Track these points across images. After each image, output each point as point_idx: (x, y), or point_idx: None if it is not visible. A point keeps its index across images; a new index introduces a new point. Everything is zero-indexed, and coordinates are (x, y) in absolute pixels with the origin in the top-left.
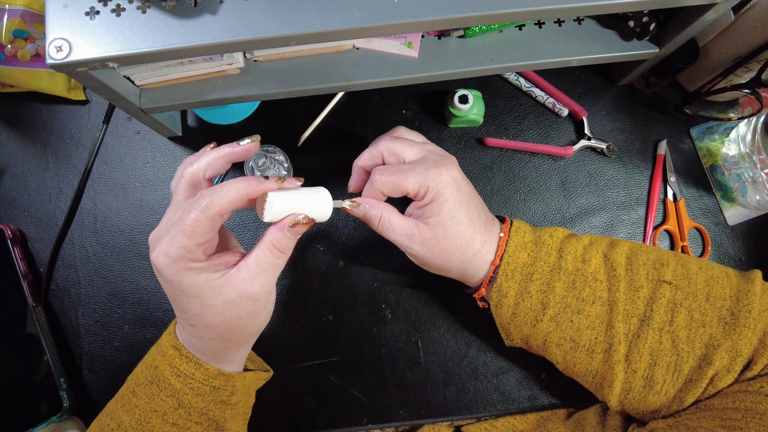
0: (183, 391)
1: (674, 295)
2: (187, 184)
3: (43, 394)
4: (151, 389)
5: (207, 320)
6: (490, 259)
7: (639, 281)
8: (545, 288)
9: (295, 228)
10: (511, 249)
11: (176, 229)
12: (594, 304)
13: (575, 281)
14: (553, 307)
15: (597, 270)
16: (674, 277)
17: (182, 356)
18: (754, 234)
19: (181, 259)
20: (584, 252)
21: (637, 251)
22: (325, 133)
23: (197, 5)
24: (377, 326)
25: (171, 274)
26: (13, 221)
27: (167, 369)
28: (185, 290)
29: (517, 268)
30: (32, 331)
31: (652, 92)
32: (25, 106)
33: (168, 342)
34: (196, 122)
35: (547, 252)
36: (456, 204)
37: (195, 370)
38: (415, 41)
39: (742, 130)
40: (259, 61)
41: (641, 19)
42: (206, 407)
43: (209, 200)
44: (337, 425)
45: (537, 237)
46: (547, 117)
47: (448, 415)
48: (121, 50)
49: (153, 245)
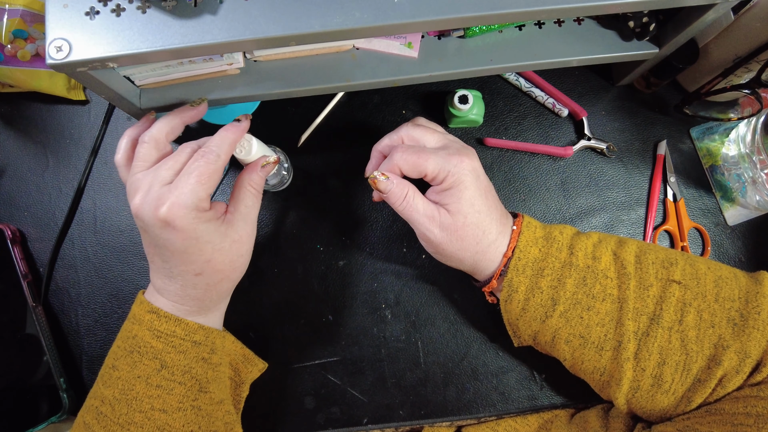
0: (165, 350)
1: (683, 295)
2: (152, 147)
3: (43, 394)
4: (132, 357)
5: (216, 263)
6: (503, 251)
7: (648, 280)
8: (556, 284)
9: (266, 168)
10: (522, 243)
11: (188, 182)
12: (604, 301)
13: (586, 278)
14: (564, 303)
15: (607, 267)
16: (683, 276)
17: (161, 317)
18: (754, 234)
19: (195, 209)
20: (594, 249)
21: (646, 250)
22: (325, 133)
23: (197, 5)
24: (377, 326)
25: (187, 223)
26: (13, 221)
27: (146, 334)
28: (200, 237)
29: (528, 263)
30: (32, 331)
31: (652, 92)
32: (25, 106)
33: (143, 309)
34: (196, 122)
35: (558, 248)
36: (476, 192)
37: (176, 326)
38: (415, 41)
39: (741, 131)
40: (259, 61)
41: (641, 20)
42: (188, 364)
43: (217, 151)
44: (337, 425)
45: (547, 233)
46: (547, 117)
47: (448, 415)
48: (121, 50)
49: (155, 204)
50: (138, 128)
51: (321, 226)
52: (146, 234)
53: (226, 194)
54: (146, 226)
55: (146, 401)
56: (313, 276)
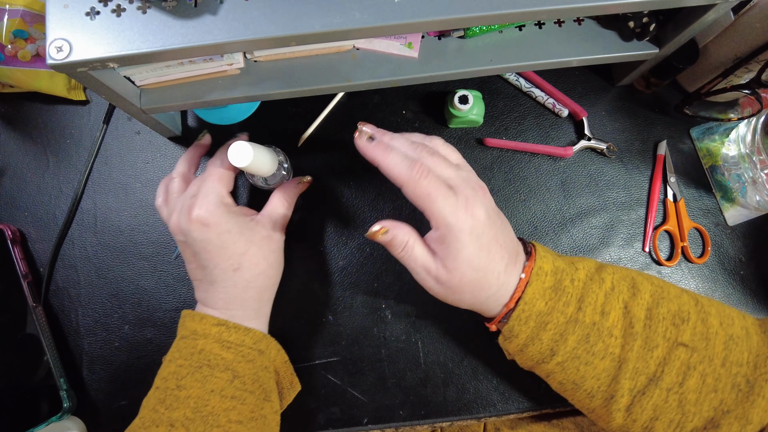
0: (236, 360)
1: (689, 358)
2: (181, 181)
3: (43, 394)
4: (202, 372)
5: (252, 256)
6: (505, 302)
7: (655, 340)
8: (558, 338)
9: (300, 186)
10: (528, 296)
11: (207, 184)
12: (604, 359)
13: (589, 335)
14: (562, 355)
15: (614, 324)
16: (692, 337)
17: (230, 328)
18: (754, 234)
19: (221, 204)
20: (605, 302)
21: (659, 300)
22: (325, 133)
23: (197, 6)
24: (377, 326)
25: (217, 217)
26: (13, 221)
27: (215, 346)
28: (232, 229)
29: (532, 316)
30: (32, 331)
31: (652, 93)
32: (25, 106)
33: (207, 323)
34: (196, 122)
35: (566, 302)
36: (475, 251)
37: (245, 336)
38: (415, 42)
39: (742, 131)
40: (259, 61)
41: (641, 20)
42: (256, 373)
43: (220, 159)
44: (337, 425)
45: (558, 282)
46: (547, 117)
47: (448, 415)
48: (121, 50)
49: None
50: (167, 177)
51: (321, 226)
52: (186, 247)
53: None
54: (185, 235)
55: (222, 415)
56: (314, 276)
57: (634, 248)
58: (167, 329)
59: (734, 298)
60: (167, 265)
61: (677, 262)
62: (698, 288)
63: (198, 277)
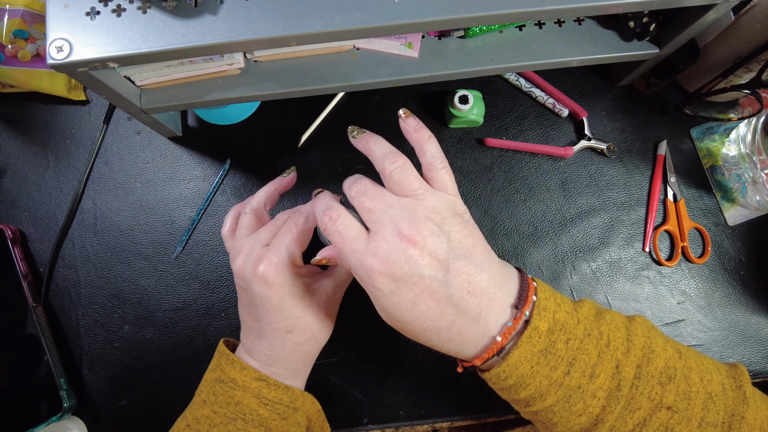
0: (271, 418)
1: (669, 419)
2: (252, 217)
3: (43, 394)
4: (236, 425)
5: (307, 321)
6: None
7: (639, 401)
8: (536, 396)
9: None
10: (513, 359)
11: (283, 241)
12: (580, 416)
13: (571, 397)
14: (538, 407)
15: (600, 386)
16: (676, 398)
17: (270, 385)
18: (754, 234)
19: (292, 265)
20: (597, 362)
21: (650, 356)
22: (326, 133)
23: (197, 5)
24: (377, 326)
25: (283, 278)
26: (13, 221)
27: (253, 401)
28: (294, 292)
29: (512, 376)
30: (32, 331)
31: (652, 93)
32: (25, 106)
33: (248, 376)
34: (196, 122)
35: (554, 366)
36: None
37: (283, 394)
38: (415, 42)
39: (742, 131)
40: (259, 61)
41: (641, 20)
42: (288, 430)
43: (305, 215)
44: (337, 425)
45: (551, 344)
46: (547, 117)
47: (448, 416)
48: (121, 50)
49: (255, 262)
50: (241, 205)
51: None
52: (244, 293)
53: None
54: (246, 284)
55: None
56: None
57: (634, 248)
58: (167, 329)
59: (734, 298)
60: (167, 265)
61: (677, 262)
62: (698, 288)
63: (249, 324)
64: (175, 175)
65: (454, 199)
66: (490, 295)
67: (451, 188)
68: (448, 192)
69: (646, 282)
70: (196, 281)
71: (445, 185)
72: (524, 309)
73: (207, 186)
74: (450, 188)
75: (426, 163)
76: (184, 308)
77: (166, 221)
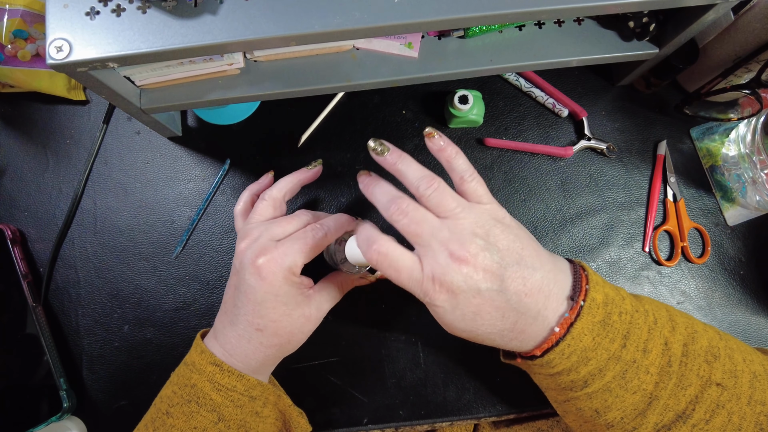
0: (224, 404)
1: (719, 396)
2: (270, 205)
3: (43, 394)
4: (190, 407)
5: (280, 328)
6: (540, 340)
7: (690, 378)
8: (596, 373)
9: (361, 281)
10: (576, 331)
11: (293, 247)
12: (635, 394)
13: (627, 371)
14: (594, 386)
15: (652, 362)
16: (723, 375)
17: (223, 371)
18: (754, 234)
19: (289, 272)
20: (648, 338)
21: (694, 335)
22: (325, 133)
23: (197, 5)
24: (377, 326)
25: (277, 279)
26: (13, 221)
27: (207, 385)
28: (280, 296)
29: (576, 351)
30: (32, 331)
31: (652, 93)
32: (25, 106)
33: (205, 360)
34: (196, 122)
35: (612, 338)
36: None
37: (237, 382)
38: (415, 41)
39: (741, 131)
40: (259, 61)
41: (641, 20)
42: (244, 419)
43: (326, 231)
44: (337, 425)
45: (607, 315)
46: (547, 117)
47: (448, 415)
48: (121, 50)
49: (258, 252)
50: (258, 185)
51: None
52: (236, 276)
53: None
54: (241, 268)
55: None
56: (313, 276)
57: (634, 248)
58: (167, 329)
59: (734, 298)
60: (167, 265)
61: (677, 262)
62: (698, 288)
63: (227, 307)
64: (175, 175)
65: (491, 206)
66: (545, 293)
67: (485, 197)
68: (483, 202)
69: (645, 282)
70: (196, 281)
71: (479, 195)
72: (579, 300)
73: (207, 186)
74: (484, 197)
75: (457, 178)
76: (184, 308)
77: (166, 221)
